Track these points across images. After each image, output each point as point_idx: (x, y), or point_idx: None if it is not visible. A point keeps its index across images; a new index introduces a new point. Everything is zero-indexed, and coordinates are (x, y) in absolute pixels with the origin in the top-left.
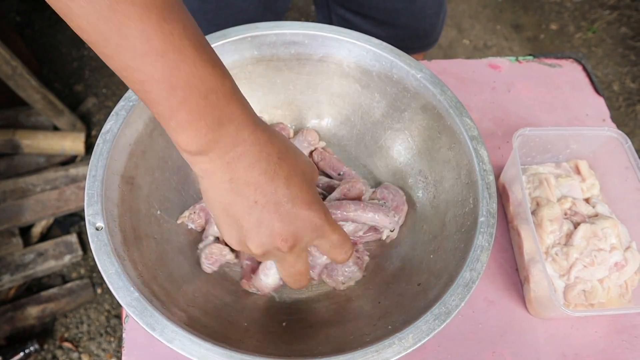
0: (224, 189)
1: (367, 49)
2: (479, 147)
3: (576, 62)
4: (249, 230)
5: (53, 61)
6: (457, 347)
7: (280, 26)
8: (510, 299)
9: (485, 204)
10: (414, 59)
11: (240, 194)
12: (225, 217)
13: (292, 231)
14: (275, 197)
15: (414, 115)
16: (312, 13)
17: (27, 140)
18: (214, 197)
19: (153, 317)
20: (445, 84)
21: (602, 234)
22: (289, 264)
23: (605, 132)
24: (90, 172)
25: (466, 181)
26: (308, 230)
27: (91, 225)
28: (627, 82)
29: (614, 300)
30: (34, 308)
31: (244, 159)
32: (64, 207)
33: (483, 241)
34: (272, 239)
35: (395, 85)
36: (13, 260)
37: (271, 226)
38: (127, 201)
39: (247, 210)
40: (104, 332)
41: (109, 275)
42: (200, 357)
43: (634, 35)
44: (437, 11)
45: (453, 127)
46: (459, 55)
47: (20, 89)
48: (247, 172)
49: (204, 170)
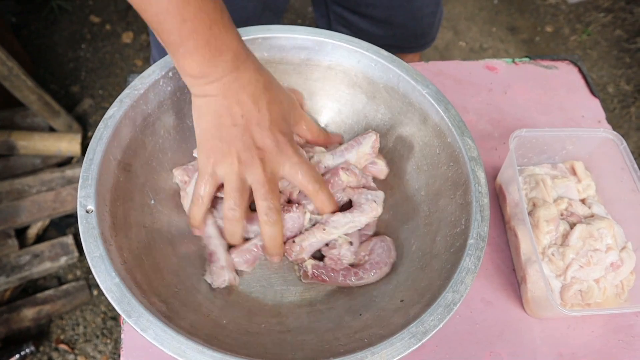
0: (218, 104)
1: (375, 61)
2: (476, 169)
3: (572, 63)
4: (232, 137)
5: (49, 62)
6: (454, 347)
7: (292, 30)
8: (508, 299)
9: (477, 227)
10: (421, 74)
11: (229, 108)
12: (213, 127)
13: (267, 144)
14: (257, 116)
15: (416, 131)
16: (309, 14)
17: (23, 142)
18: (207, 111)
19: (130, 304)
20: (449, 101)
21: (598, 235)
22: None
23: (601, 134)
24: (88, 155)
25: (461, 201)
26: (277, 149)
27: (82, 207)
28: (621, 84)
29: (610, 300)
30: (30, 310)
31: (237, 81)
32: (60, 208)
33: (470, 264)
34: (250, 147)
35: (400, 99)
36: (8, 262)
37: (251, 136)
38: (122, 187)
39: (232, 121)
40: (100, 333)
41: (92, 258)
42: (172, 349)
43: (629, 38)
44: (433, 10)
45: (453, 145)
46: (455, 57)
47: (16, 90)
48: (238, 92)
49: (203, 90)
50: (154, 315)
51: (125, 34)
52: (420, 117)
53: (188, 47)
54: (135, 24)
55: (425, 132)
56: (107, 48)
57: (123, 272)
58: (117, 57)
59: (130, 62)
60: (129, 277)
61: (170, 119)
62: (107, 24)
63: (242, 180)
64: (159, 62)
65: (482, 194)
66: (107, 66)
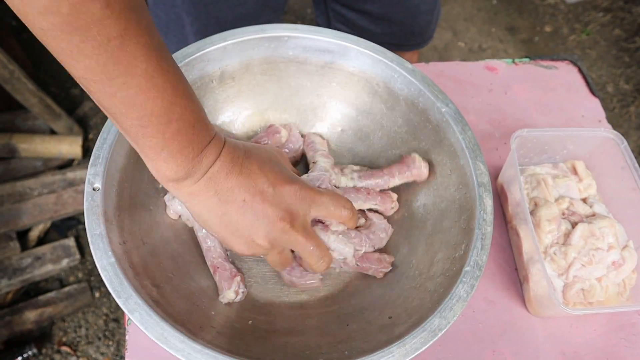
0: (213, 203)
1: (398, 72)
2: (485, 195)
3: (572, 63)
4: (250, 228)
5: (49, 65)
6: (457, 347)
7: (319, 32)
8: (510, 299)
9: (475, 254)
10: (442, 91)
11: (228, 201)
12: (224, 229)
13: (284, 208)
14: (257, 188)
15: (431, 148)
16: (309, 16)
17: (24, 144)
18: (208, 216)
19: (122, 284)
20: (467, 123)
21: (600, 234)
22: (302, 244)
23: (602, 133)
24: (102, 134)
25: (464, 226)
26: (297, 201)
27: (89, 184)
28: (620, 83)
29: (612, 299)
30: (32, 312)
31: (222, 170)
32: (62, 210)
33: (462, 291)
34: (272, 224)
35: (419, 114)
36: (10, 265)
37: (266, 214)
38: (132, 169)
39: (240, 211)
40: (102, 335)
41: (92, 235)
42: (155, 335)
43: (628, 37)
44: (431, 8)
45: (465, 168)
46: (454, 58)
47: (17, 93)
48: (227, 179)
49: (190, 194)
50: (142, 299)
51: None
52: (437, 135)
53: (172, 149)
54: None
55: (439, 150)
56: None
57: (120, 252)
58: None
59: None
60: (125, 257)
61: None
62: None
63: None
64: (177, 53)
65: (487, 222)
66: None
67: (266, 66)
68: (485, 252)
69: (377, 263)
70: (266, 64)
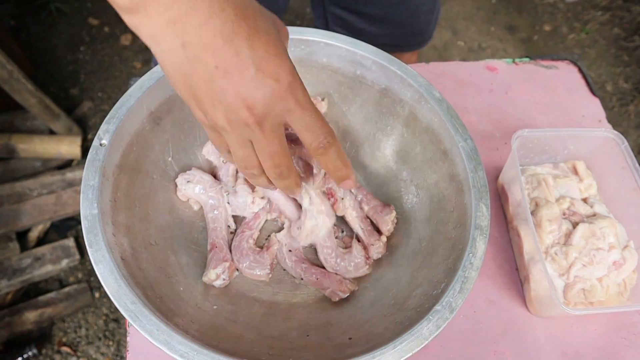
0: (179, 58)
1: (425, 99)
2: (479, 239)
3: (572, 63)
4: (212, 101)
5: (48, 65)
6: (459, 347)
7: (355, 45)
8: (511, 299)
9: (451, 295)
10: (463, 124)
11: (197, 61)
12: (186, 91)
13: (257, 99)
14: (237, 60)
15: (440, 181)
16: (308, 15)
17: (23, 145)
18: (172, 70)
19: (96, 236)
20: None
21: (601, 234)
22: (262, 142)
23: (603, 133)
24: (123, 98)
25: (450, 266)
26: (277, 98)
27: (98, 139)
28: (620, 82)
29: (613, 299)
30: (32, 313)
31: (191, 16)
32: (61, 211)
33: (425, 330)
34: (237, 108)
35: (436, 144)
36: (10, 265)
37: (235, 93)
38: (145, 135)
39: (208, 78)
40: (102, 336)
41: (85, 185)
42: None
43: (627, 36)
44: (431, 8)
45: (467, 208)
46: (454, 57)
47: (16, 93)
48: (199, 33)
49: (151, 36)
50: (113, 257)
51: (124, 36)
52: (449, 169)
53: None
54: None
55: (448, 185)
56: (106, 50)
57: (107, 207)
58: (116, 59)
59: (129, 64)
60: (111, 213)
61: None
62: (105, 26)
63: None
64: None
65: (473, 266)
66: (106, 68)
67: (303, 70)
68: (462, 296)
69: (337, 285)
70: (305, 68)
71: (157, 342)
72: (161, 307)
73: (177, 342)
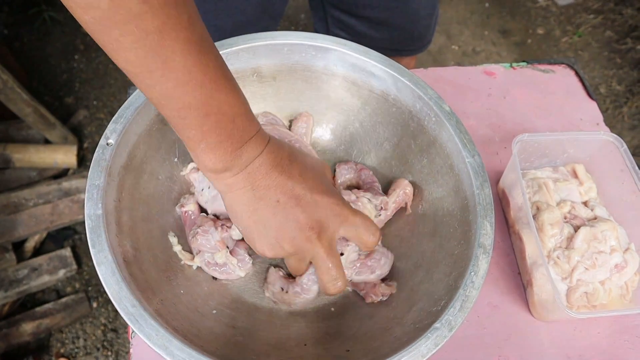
0: (248, 198)
1: (435, 113)
2: (481, 257)
3: (569, 67)
4: (278, 229)
5: (42, 74)
6: (463, 352)
7: (367, 53)
8: (514, 303)
9: (451, 314)
10: (471, 140)
11: (263, 198)
12: (253, 224)
13: (316, 218)
14: (294, 192)
15: (446, 196)
16: (302, 21)
17: (19, 154)
18: (240, 209)
19: (99, 237)
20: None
21: (602, 237)
22: (322, 258)
23: (601, 137)
24: (132, 98)
25: (451, 283)
26: (330, 215)
27: (105, 138)
28: (613, 84)
29: (615, 301)
30: (29, 324)
31: (262, 167)
32: (58, 221)
33: (423, 347)
34: (301, 229)
35: (444, 158)
36: (7, 276)
37: (297, 218)
38: (152, 136)
39: (272, 210)
40: (100, 346)
41: (91, 184)
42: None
43: (619, 39)
44: (430, 12)
45: (472, 225)
46: (448, 61)
47: (11, 103)
48: (265, 177)
49: (229, 185)
50: (115, 258)
51: None
52: (455, 184)
53: (210, 141)
54: None
55: (453, 200)
56: (100, 58)
57: (111, 207)
58: (111, 67)
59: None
60: (115, 213)
61: None
62: None
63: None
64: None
65: (474, 285)
66: (101, 77)
67: (309, 74)
68: (463, 314)
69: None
70: (326, 76)
71: (156, 347)
72: (161, 310)
73: (176, 348)
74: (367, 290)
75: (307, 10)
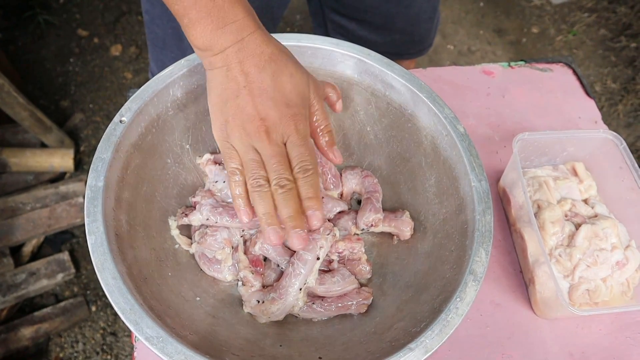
0: (222, 76)
1: (447, 131)
2: (470, 284)
3: (566, 65)
4: (234, 110)
5: (38, 77)
6: (467, 350)
7: (390, 65)
8: (516, 301)
9: (428, 337)
10: (481, 164)
11: (233, 80)
12: (218, 102)
13: (270, 115)
14: (261, 85)
15: (448, 218)
16: (297, 22)
17: (15, 159)
18: (213, 85)
19: (96, 208)
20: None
21: (603, 234)
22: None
23: (601, 135)
24: (151, 82)
25: (436, 306)
26: (283, 120)
27: (119, 115)
28: (608, 82)
29: (617, 298)
30: (28, 329)
31: (241, 52)
32: (55, 225)
33: (412, 356)
34: (252, 118)
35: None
36: (4, 281)
37: (253, 108)
38: (167, 119)
39: (236, 92)
40: (100, 350)
41: (98, 157)
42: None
43: (613, 37)
44: (431, 16)
45: (467, 251)
46: (444, 61)
47: (7, 107)
48: (241, 63)
49: (209, 63)
50: (107, 230)
51: (113, 47)
52: (457, 208)
53: (191, 17)
54: (124, 36)
55: (454, 223)
56: (96, 61)
57: (113, 182)
58: (107, 70)
59: (119, 74)
60: (116, 188)
61: None
62: (95, 37)
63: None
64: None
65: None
66: (96, 80)
67: (331, 80)
68: (440, 339)
69: (356, 296)
70: (331, 78)
71: (127, 321)
72: (142, 288)
73: (146, 326)
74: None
75: (302, 12)
